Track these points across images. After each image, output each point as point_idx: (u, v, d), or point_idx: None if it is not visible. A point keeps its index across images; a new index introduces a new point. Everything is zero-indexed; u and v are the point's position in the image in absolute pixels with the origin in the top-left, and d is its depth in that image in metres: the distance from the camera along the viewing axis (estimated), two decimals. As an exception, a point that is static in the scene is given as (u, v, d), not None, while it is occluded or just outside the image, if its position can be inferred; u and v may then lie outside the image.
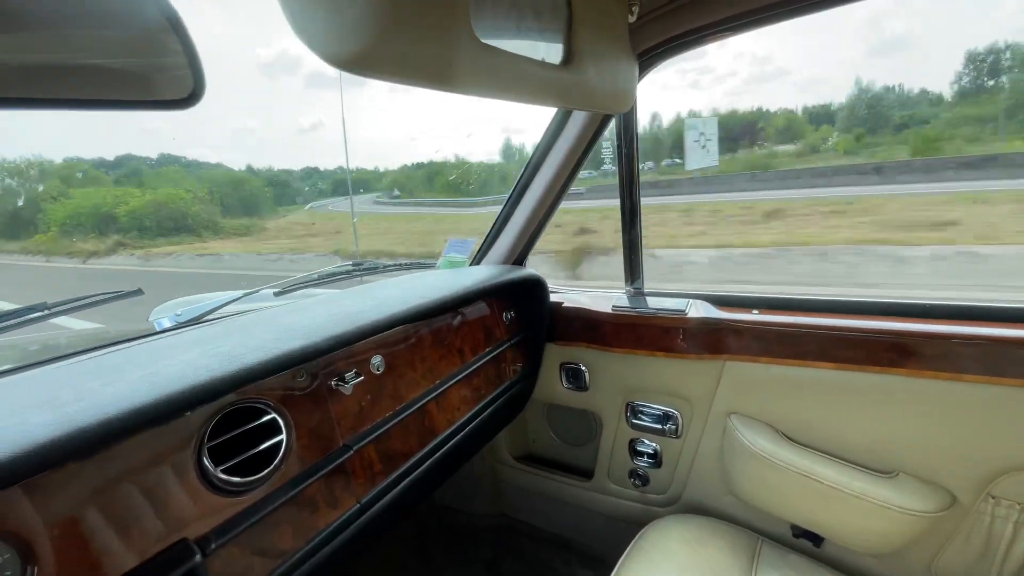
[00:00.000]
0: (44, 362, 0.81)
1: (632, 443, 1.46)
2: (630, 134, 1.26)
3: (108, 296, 0.98)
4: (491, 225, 1.56)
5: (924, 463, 1.04)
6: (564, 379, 1.53)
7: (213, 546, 0.68)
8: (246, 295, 1.26)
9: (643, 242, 1.37)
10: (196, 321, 1.13)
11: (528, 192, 1.41)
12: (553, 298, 1.48)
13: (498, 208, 1.53)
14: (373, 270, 1.56)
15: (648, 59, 1.12)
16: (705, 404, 1.30)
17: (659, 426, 1.39)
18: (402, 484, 1.02)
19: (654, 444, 1.43)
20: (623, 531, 1.40)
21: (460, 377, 1.23)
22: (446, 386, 1.18)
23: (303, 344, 0.77)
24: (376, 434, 0.97)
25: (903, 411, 1.05)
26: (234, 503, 0.74)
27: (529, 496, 1.75)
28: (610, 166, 1.36)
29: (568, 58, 0.77)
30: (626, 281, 1.43)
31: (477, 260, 1.61)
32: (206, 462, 0.71)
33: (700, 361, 1.27)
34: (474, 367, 1.28)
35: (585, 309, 1.42)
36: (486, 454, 1.78)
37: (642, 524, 1.23)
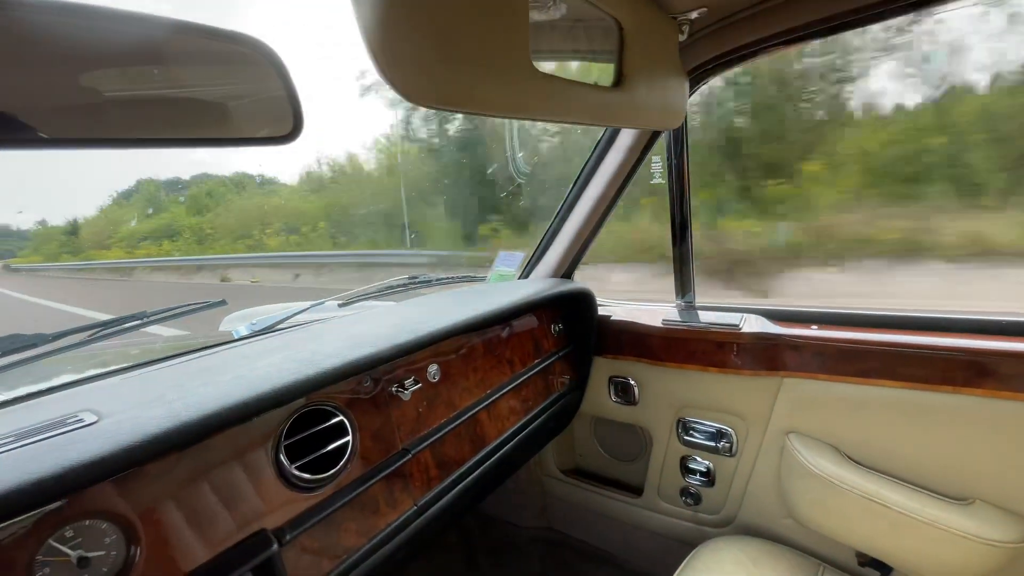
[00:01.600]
0: (146, 364, 0.91)
1: (684, 460, 1.45)
2: (680, 149, 1.28)
3: (197, 307, 1.10)
4: (539, 239, 1.60)
5: (1002, 490, 0.98)
6: (612, 393, 1.54)
7: (288, 537, 0.75)
8: (313, 306, 1.36)
9: (693, 256, 1.37)
10: (269, 330, 1.23)
11: (577, 207, 1.44)
12: (601, 311, 1.50)
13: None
14: (427, 283, 1.64)
15: (698, 75, 1.14)
16: (761, 422, 1.27)
17: (712, 443, 1.37)
18: (455, 490, 1.07)
19: (707, 462, 1.41)
20: (673, 550, 1.38)
21: (510, 387, 1.27)
22: (496, 396, 1.22)
23: (371, 352, 0.83)
24: (432, 439, 1.03)
25: (979, 434, 0.99)
26: (306, 499, 0.80)
27: (576, 510, 1.75)
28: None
29: (620, 80, 0.81)
30: (676, 295, 1.43)
31: (525, 274, 1.65)
32: (283, 459, 0.78)
33: (756, 377, 1.25)
34: (523, 378, 1.32)
35: (634, 323, 1.43)
36: (533, 466, 1.80)
37: (693, 544, 1.22)
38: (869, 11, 0.95)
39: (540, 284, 1.42)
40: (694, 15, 0.96)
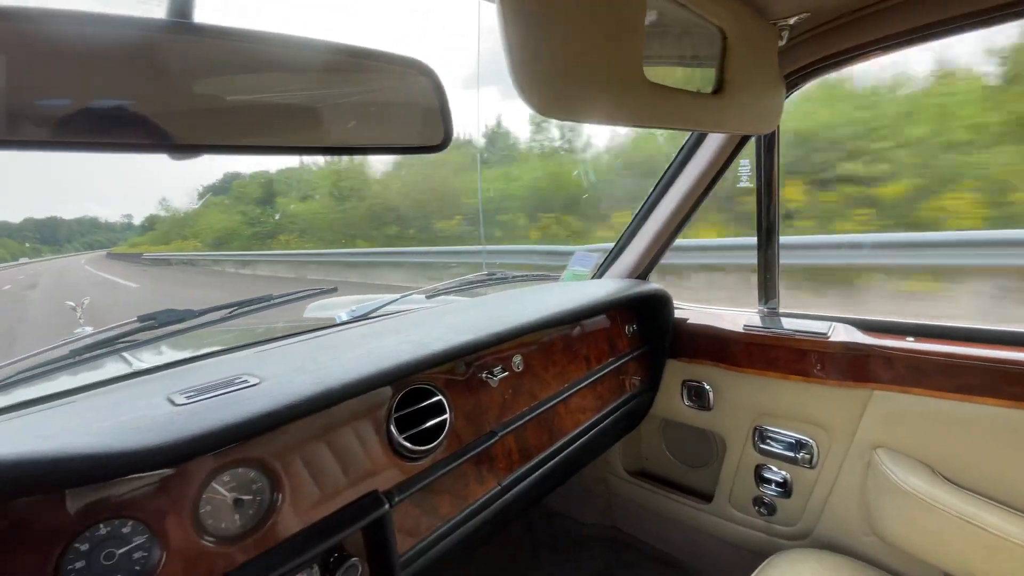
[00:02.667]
0: (274, 339, 1.04)
1: (759, 469, 1.43)
2: (771, 152, 1.27)
3: (313, 292, 1.23)
4: (616, 240, 1.63)
5: None
6: (685, 396, 1.54)
7: (396, 500, 0.83)
8: (401, 297, 1.47)
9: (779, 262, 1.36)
10: (366, 317, 1.35)
11: (657, 209, 1.47)
12: (677, 314, 1.51)
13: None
14: (504, 280, 1.71)
15: (795, 79, 1.14)
16: (846, 434, 1.24)
17: (791, 454, 1.35)
18: (533, 476, 1.13)
19: (784, 472, 1.38)
20: (743, 560, 1.37)
21: (585, 383, 1.31)
22: (573, 390, 1.27)
23: (473, 338, 0.91)
24: (515, 425, 1.09)
25: None
26: (410, 467, 0.89)
27: (641, 511, 1.76)
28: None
29: (720, 86, 0.84)
30: (759, 300, 1.42)
31: (599, 274, 1.69)
32: (393, 429, 0.87)
33: (842, 388, 1.23)
34: (598, 375, 1.36)
35: (713, 327, 1.44)
36: (599, 465, 1.83)
37: (765, 555, 1.21)
38: (976, 17, 0.92)
39: (616, 284, 1.46)
40: (794, 20, 0.97)
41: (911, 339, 1.16)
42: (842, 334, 1.24)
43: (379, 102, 0.55)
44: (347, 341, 0.93)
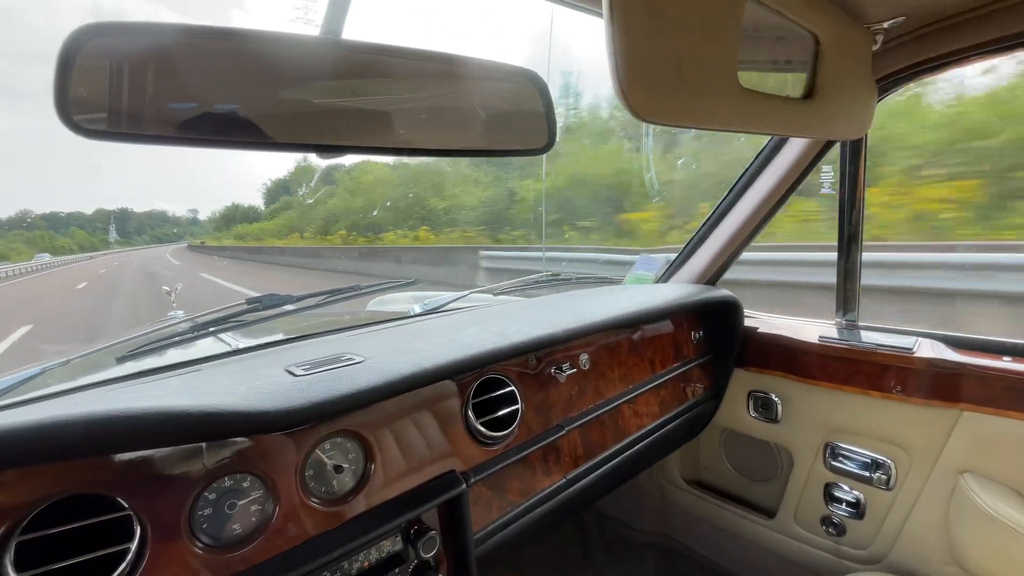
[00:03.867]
0: (363, 325, 1.13)
1: (828, 487, 1.39)
2: (857, 157, 1.24)
3: (395, 284, 1.31)
4: (683, 244, 1.63)
5: None
6: (751, 407, 1.52)
7: (472, 480, 0.89)
8: (469, 293, 1.54)
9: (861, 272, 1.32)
10: (437, 310, 1.42)
11: (730, 215, 1.45)
12: (747, 323, 1.49)
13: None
14: (567, 281, 1.75)
15: (888, 84, 1.11)
16: (929, 456, 1.19)
17: (865, 473, 1.30)
18: (595, 473, 1.15)
19: (857, 492, 1.34)
20: None
21: (649, 387, 1.32)
22: (637, 393, 1.29)
23: (550, 332, 0.95)
24: (581, 421, 1.12)
25: None
26: (484, 452, 0.94)
27: (698, 522, 1.74)
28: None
29: (811, 91, 0.84)
30: (836, 311, 1.38)
31: (664, 278, 1.69)
32: (470, 414, 0.92)
33: (927, 408, 1.17)
34: (662, 380, 1.37)
35: (786, 337, 1.41)
36: (655, 471, 1.83)
37: None
38: None
39: (685, 289, 1.46)
40: (889, 24, 0.95)
41: (1008, 359, 1.09)
42: (928, 350, 1.19)
43: (492, 108, 0.61)
44: (432, 329, 1.00)
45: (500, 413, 0.97)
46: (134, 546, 0.59)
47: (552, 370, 1.10)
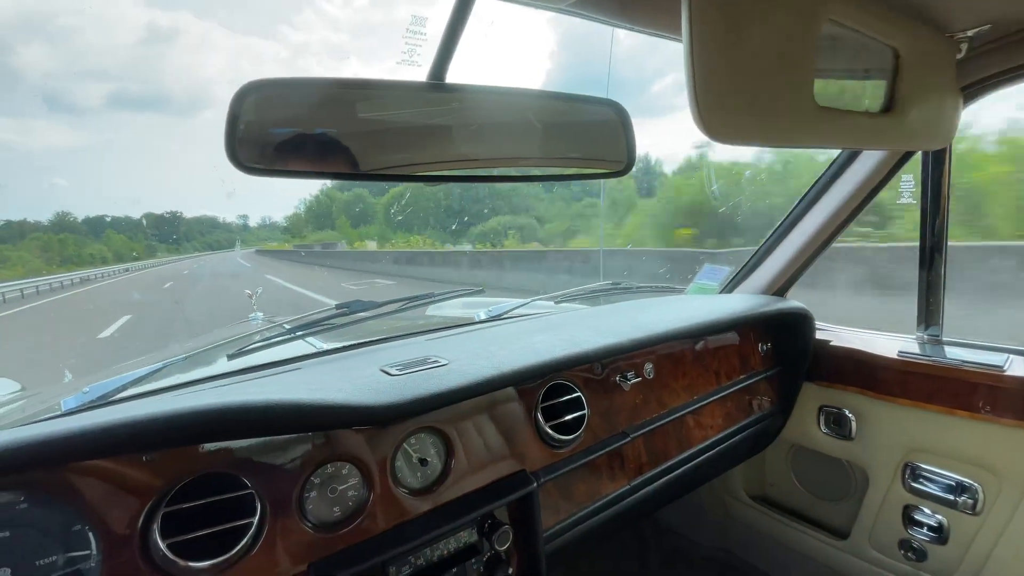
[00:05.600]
0: (438, 330, 1.21)
1: (907, 510, 1.33)
2: (941, 167, 1.20)
3: (465, 291, 1.40)
4: (749, 256, 1.61)
5: None
6: (822, 423, 1.48)
7: (542, 480, 0.94)
8: (531, 301, 1.60)
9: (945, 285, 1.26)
10: (500, 317, 1.48)
11: (800, 225, 1.44)
12: (819, 335, 1.46)
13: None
14: (628, 290, 1.77)
15: (973, 92, 1.07)
16: (1020, 481, 1.13)
17: (949, 496, 1.25)
18: (658, 482, 1.18)
19: (939, 516, 1.28)
20: None
21: (714, 398, 1.33)
22: (701, 403, 1.30)
23: (617, 341, 0.99)
24: (645, 430, 1.15)
25: None
26: (552, 454, 0.99)
27: (762, 540, 1.71)
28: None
29: (891, 104, 0.84)
30: (918, 325, 1.33)
31: (729, 288, 1.68)
32: (539, 417, 0.98)
33: (1019, 428, 1.11)
34: (727, 392, 1.37)
35: (862, 351, 1.37)
36: (717, 485, 1.81)
37: None
38: None
39: (753, 300, 1.45)
40: (973, 32, 0.93)
41: None
42: (1021, 368, 1.13)
43: (578, 135, 0.66)
44: (506, 336, 1.06)
45: (567, 418, 1.02)
46: (256, 520, 0.68)
47: (617, 378, 1.14)
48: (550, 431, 0.98)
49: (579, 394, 1.05)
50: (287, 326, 1.21)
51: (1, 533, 0.59)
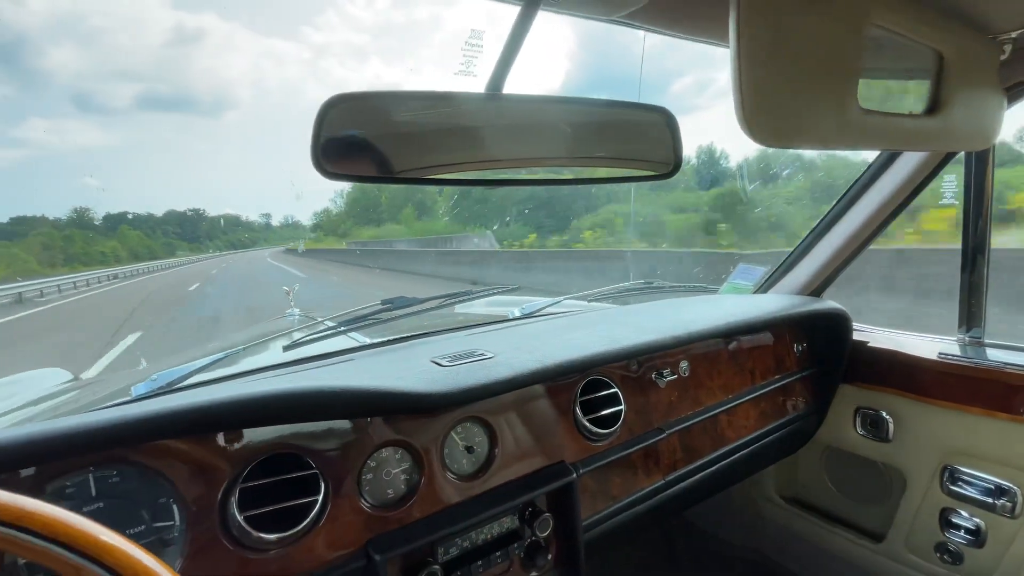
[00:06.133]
0: (478, 325, 1.26)
1: (944, 513, 1.33)
2: (984, 167, 1.19)
3: (500, 289, 1.45)
4: (785, 255, 1.62)
5: None
6: (859, 425, 1.48)
7: (580, 472, 0.98)
8: (563, 299, 1.63)
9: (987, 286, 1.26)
10: (533, 315, 1.52)
11: (839, 225, 1.44)
12: (857, 336, 1.46)
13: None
14: (660, 290, 1.79)
15: (1017, 92, 1.07)
16: None
17: (988, 500, 1.24)
18: (692, 479, 1.20)
19: (977, 519, 1.27)
20: None
21: (748, 397, 1.35)
22: (736, 402, 1.32)
23: (656, 338, 1.02)
24: (680, 427, 1.18)
25: None
26: (590, 447, 1.03)
27: (794, 541, 1.71)
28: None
29: (934, 105, 0.85)
30: (960, 327, 1.32)
31: (763, 288, 1.68)
32: (578, 410, 1.02)
33: None
34: (762, 391, 1.38)
35: (901, 352, 1.37)
36: (748, 486, 1.81)
37: None
38: None
39: (789, 300, 1.46)
40: (1017, 34, 0.93)
41: None
42: None
43: (628, 140, 0.70)
44: (546, 331, 1.11)
45: (604, 413, 1.05)
46: (320, 499, 0.74)
47: (653, 375, 1.17)
48: (588, 424, 1.02)
49: (616, 390, 1.08)
50: (329, 323, 1.28)
51: (96, 504, 0.65)
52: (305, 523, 0.72)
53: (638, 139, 0.69)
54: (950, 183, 1.25)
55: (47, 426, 0.59)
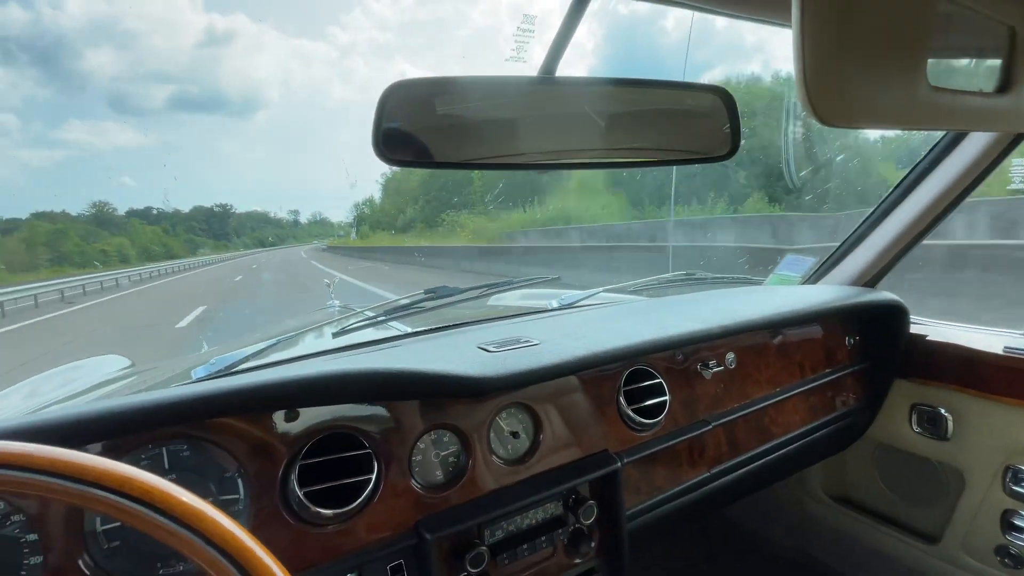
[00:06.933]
0: (518, 315, 1.28)
1: (1007, 515, 1.27)
2: None
3: (543, 279, 1.46)
4: (836, 245, 1.57)
5: None
6: (914, 422, 1.43)
7: (624, 461, 0.98)
8: (603, 291, 1.63)
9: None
10: (571, 306, 1.53)
11: (895, 213, 1.38)
12: (914, 329, 1.41)
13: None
14: (701, 281, 1.76)
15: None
16: None
17: None
18: (738, 472, 1.19)
19: None
20: None
21: (797, 391, 1.32)
22: (784, 396, 1.29)
23: (704, 327, 1.02)
24: (726, 419, 1.17)
25: None
26: (634, 437, 1.03)
27: (841, 541, 1.67)
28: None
29: (1006, 84, 0.81)
30: (1028, 320, 1.26)
31: (813, 279, 1.63)
32: (622, 400, 1.02)
33: None
34: (811, 385, 1.35)
35: (962, 347, 1.31)
36: (793, 483, 1.77)
37: None
38: None
39: (839, 291, 1.42)
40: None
41: None
42: None
43: (683, 121, 0.70)
44: (590, 320, 1.12)
45: (648, 403, 1.05)
46: (373, 477, 0.77)
47: (698, 366, 1.16)
48: (632, 414, 1.02)
49: (660, 380, 1.08)
50: (369, 312, 1.31)
51: (170, 475, 0.70)
52: (360, 500, 0.75)
53: (694, 120, 0.69)
54: (1020, 167, 1.18)
55: (127, 400, 0.63)
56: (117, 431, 0.63)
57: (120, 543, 0.65)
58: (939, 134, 1.31)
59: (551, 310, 1.46)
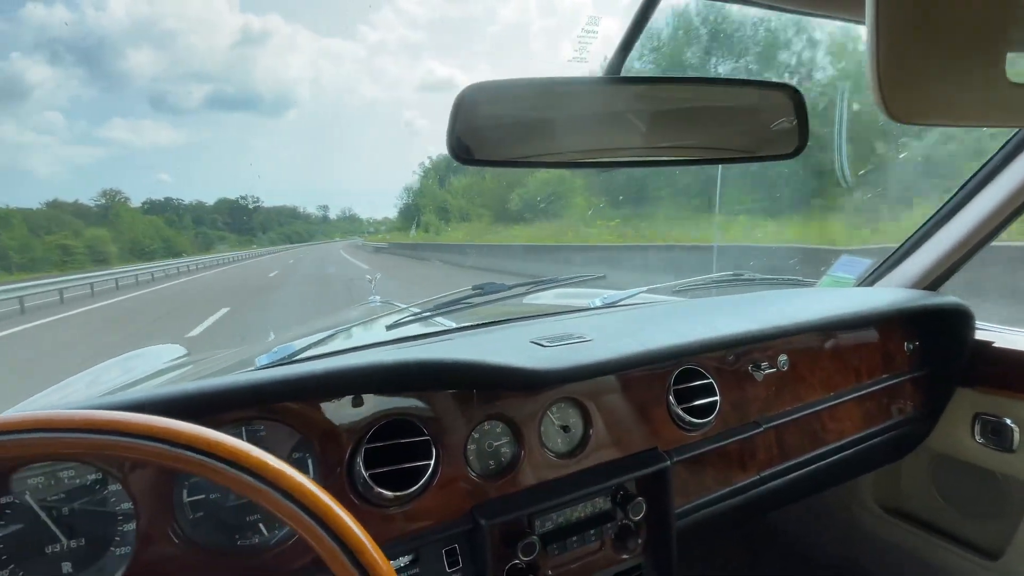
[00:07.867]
0: (565, 312, 1.30)
1: None
2: None
3: (586, 278, 1.48)
4: (897, 246, 1.52)
5: None
6: (978, 433, 1.38)
7: (673, 460, 0.99)
8: (648, 289, 1.63)
9: None
10: (614, 304, 1.53)
11: (962, 213, 1.34)
12: (979, 335, 1.35)
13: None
14: (751, 282, 1.74)
15: None
16: None
17: None
18: (788, 476, 1.18)
19: None
20: None
21: (852, 396, 1.29)
22: (838, 401, 1.27)
23: (758, 328, 1.01)
24: (778, 422, 1.16)
25: None
26: (683, 436, 1.04)
27: (894, 553, 1.62)
28: None
29: (1094, 79, 0.78)
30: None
31: (869, 281, 1.59)
32: (671, 399, 1.03)
33: None
34: (866, 391, 1.32)
35: None
36: (843, 493, 1.73)
37: None
38: None
39: (898, 294, 1.38)
40: None
41: None
42: None
43: (751, 120, 0.71)
44: (640, 318, 1.13)
45: (698, 403, 1.06)
46: (432, 463, 0.81)
47: (750, 367, 1.15)
48: (682, 413, 1.02)
49: (711, 380, 1.08)
50: (415, 308, 1.36)
51: None
52: (419, 484, 0.79)
53: (762, 118, 0.69)
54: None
55: (215, 382, 0.69)
56: (205, 410, 0.69)
57: (203, 514, 0.71)
58: (1008, 132, 1.25)
59: (594, 308, 1.47)
